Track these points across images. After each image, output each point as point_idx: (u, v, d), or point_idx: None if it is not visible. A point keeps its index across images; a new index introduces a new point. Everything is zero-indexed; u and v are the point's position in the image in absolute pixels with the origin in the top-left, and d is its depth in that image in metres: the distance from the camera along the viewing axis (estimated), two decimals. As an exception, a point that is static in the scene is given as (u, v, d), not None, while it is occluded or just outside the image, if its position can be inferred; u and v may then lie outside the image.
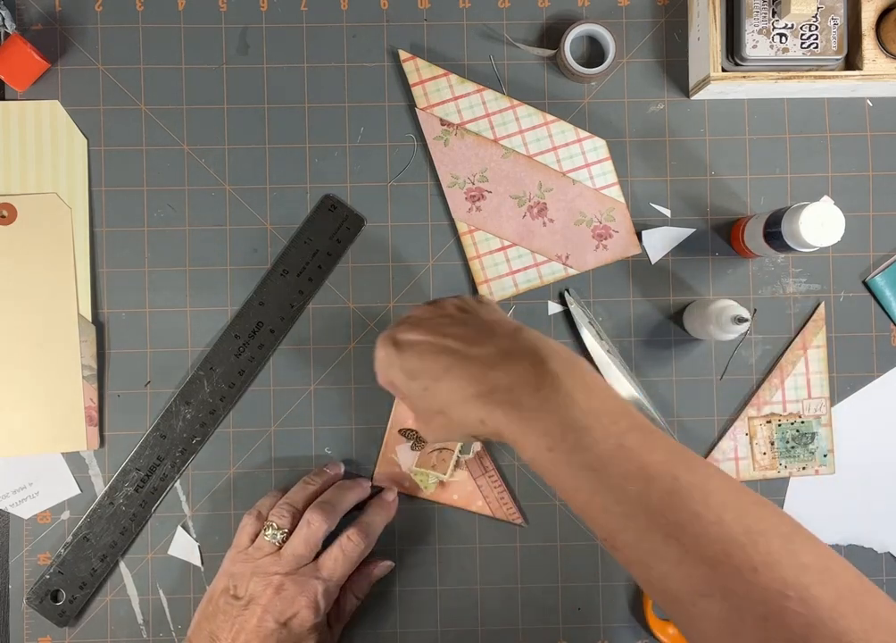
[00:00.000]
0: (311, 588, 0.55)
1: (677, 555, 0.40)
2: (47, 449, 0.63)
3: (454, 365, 0.47)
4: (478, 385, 0.46)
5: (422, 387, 0.49)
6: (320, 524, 0.57)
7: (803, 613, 0.37)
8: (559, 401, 0.44)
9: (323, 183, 0.65)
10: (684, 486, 0.41)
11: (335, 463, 0.63)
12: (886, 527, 0.65)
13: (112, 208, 0.64)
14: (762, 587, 0.38)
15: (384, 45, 0.65)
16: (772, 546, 0.39)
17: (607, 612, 0.64)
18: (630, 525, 0.42)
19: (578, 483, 0.43)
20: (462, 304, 0.53)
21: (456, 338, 0.48)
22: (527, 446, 0.45)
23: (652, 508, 0.41)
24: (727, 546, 0.39)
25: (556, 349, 0.47)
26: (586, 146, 0.65)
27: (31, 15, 0.64)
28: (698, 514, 0.40)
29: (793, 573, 0.38)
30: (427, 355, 0.48)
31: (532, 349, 0.47)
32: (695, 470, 0.42)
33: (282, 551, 0.57)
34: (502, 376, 0.46)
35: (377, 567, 0.61)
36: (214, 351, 0.64)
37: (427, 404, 0.50)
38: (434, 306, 0.53)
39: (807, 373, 0.65)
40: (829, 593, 0.38)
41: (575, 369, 0.46)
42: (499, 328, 0.50)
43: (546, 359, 0.46)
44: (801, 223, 0.55)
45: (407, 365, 0.49)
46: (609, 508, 0.42)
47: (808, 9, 0.58)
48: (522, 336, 0.48)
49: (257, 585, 0.55)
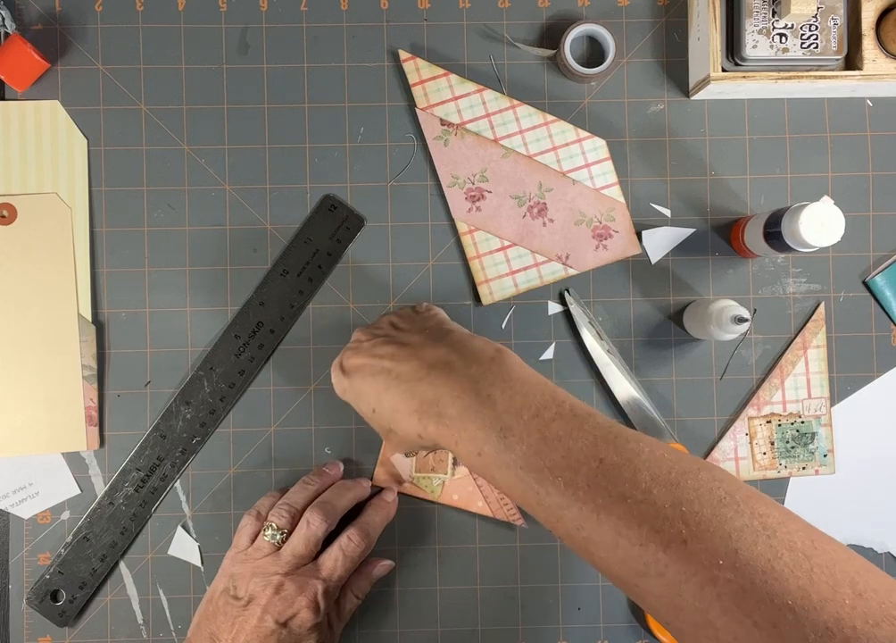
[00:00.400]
0: (311, 588, 0.55)
1: (611, 540, 0.40)
2: (47, 449, 0.63)
3: (390, 385, 0.49)
4: (410, 401, 0.48)
5: (370, 408, 0.52)
6: (320, 524, 0.57)
7: (734, 580, 0.37)
8: (478, 406, 0.45)
9: (323, 183, 0.65)
10: (610, 468, 0.41)
11: (334, 464, 0.63)
12: (886, 527, 0.65)
13: (112, 208, 0.64)
14: (693, 559, 0.38)
15: (384, 45, 0.65)
16: (702, 515, 0.39)
17: (607, 612, 0.64)
18: (564, 515, 0.42)
19: (510, 481, 0.44)
20: (397, 320, 0.55)
21: (389, 357, 0.51)
22: (460, 453, 0.46)
23: (581, 496, 0.41)
24: (655, 522, 0.39)
25: (476, 351, 0.48)
26: (586, 146, 0.65)
27: (31, 15, 0.64)
28: (624, 496, 0.40)
29: (723, 540, 0.38)
30: (368, 378, 0.51)
31: (452, 357, 0.48)
32: (621, 448, 0.42)
33: (282, 551, 0.57)
34: (427, 389, 0.47)
35: (377, 567, 0.62)
36: (214, 351, 0.64)
37: (377, 423, 0.52)
38: (372, 326, 0.56)
39: (807, 373, 0.65)
40: (762, 554, 0.37)
41: (495, 367, 0.47)
42: (428, 337, 0.51)
43: (467, 365, 0.47)
44: (801, 223, 0.55)
45: (355, 389, 0.52)
46: (542, 502, 0.43)
47: (808, 9, 0.58)
48: (446, 342, 0.50)
49: (257, 585, 0.55)
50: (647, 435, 0.44)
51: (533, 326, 0.65)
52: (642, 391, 0.64)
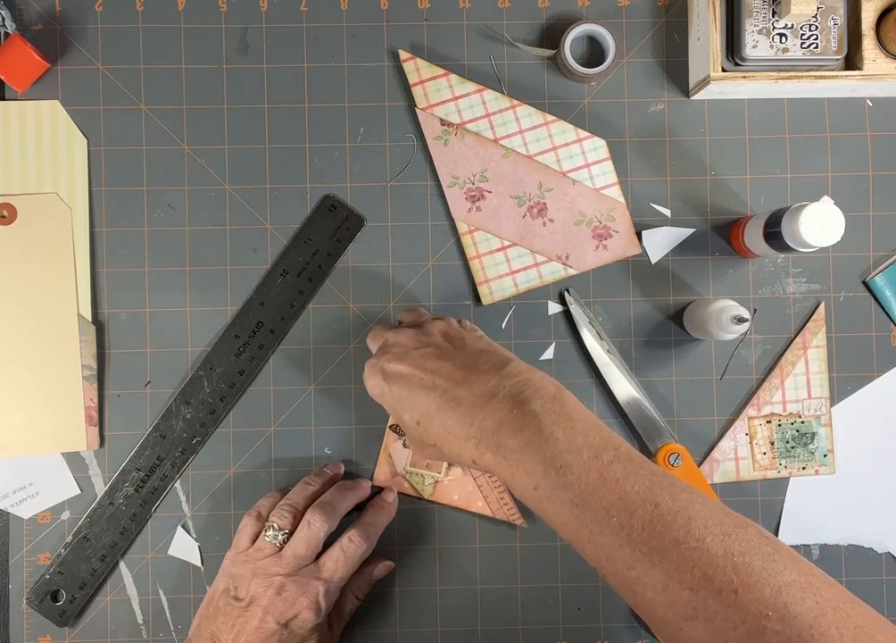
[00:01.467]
0: (313, 589, 0.55)
1: (661, 582, 0.41)
2: (47, 449, 0.63)
3: (444, 406, 0.49)
4: (468, 427, 0.48)
5: (414, 420, 0.52)
6: (321, 525, 0.57)
7: (782, 632, 0.38)
8: (540, 441, 0.46)
9: (323, 183, 0.65)
10: (665, 513, 0.42)
11: (335, 464, 0.63)
12: (886, 527, 0.65)
13: (112, 208, 0.64)
14: (742, 608, 0.39)
15: (384, 45, 0.65)
16: (752, 566, 0.40)
17: (607, 612, 0.64)
18: (615, 555, 0.43)
19: (564, 517, 0.45)
20: (448, 331, 0.55)
21: (443, 375, 0.51)
22: (515, 485, 0.47)
23: (635, 538, 0.42)
24: (708, 570, 0.40)
25: (539, 387, 0.49)
26: (586, 146, 0.65)
27: (31, 15, 0.64)
28: (678, 541, 0.41)
29: (773, 592, 0.39)
30: (416, 390, 0.51)
31: (515, 389, 0.49)
32: (676, 496, 0.43)
33: (283, 552, 0.57)
34: (489, 418, 0.48)
35: (378, 568, 0.62)
36: (214, 351, 0.64)
37: (417, 435, 0.52)
38: (419, 333, 0.55)
39: (807, 373, 0.65)
40: (810, 610, 0.39)
41: (557, 406, 0.48)
42: (484, 362, 0.51)
43: (528, 400, 0.48)
44: (801, 223, 0.55)
45: (396, 395, 0.52)
46: (594, 539, 0.44)
47: (808, 9, 0.58)
48: (507, 372, 0.50)
49: (258, 586, 0.55)
50: (694, 486, 0.46)
51: (533, 326, 0.65)
52: (643, 391, 0.64)
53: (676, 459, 0.62)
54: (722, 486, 0.65)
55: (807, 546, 0.65)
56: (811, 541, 0.65)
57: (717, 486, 0.64)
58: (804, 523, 0.65)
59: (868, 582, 0.65)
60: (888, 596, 0.65)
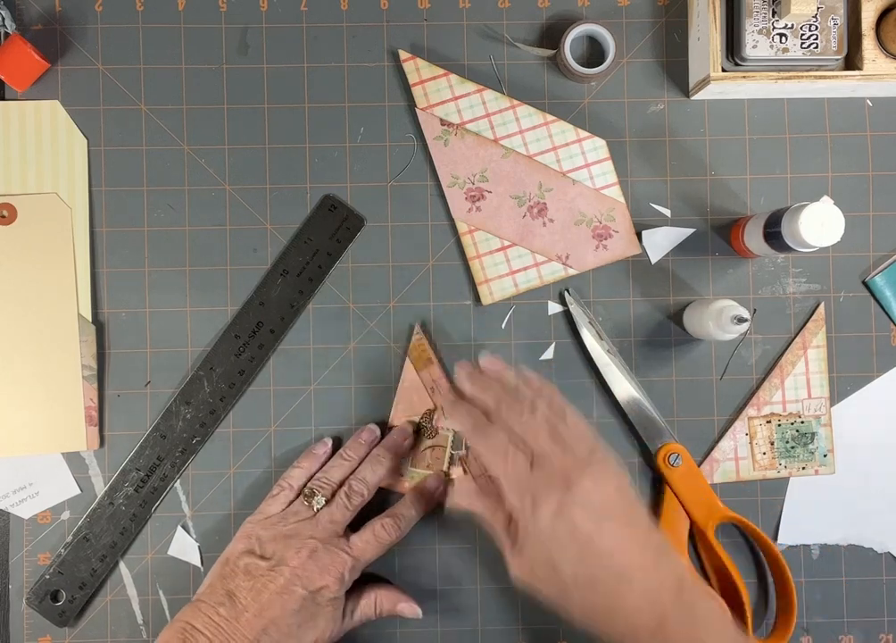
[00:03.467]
0: (342, 560, 0.57)
1: None
2: (47, 449, 0.63)
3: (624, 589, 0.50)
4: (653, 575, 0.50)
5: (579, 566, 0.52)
6: (356, 497, 0.59)
7: None
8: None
9: (323, 183, 0.65)
10: None
11: (369, 430, 0.63)
12: (886, 527, 0.65)
13: (112, 208, 0.64)
14: None
15: (384, 45, 0.65)
16: None
17: (607, 612, 0.64)
18: None
19: None
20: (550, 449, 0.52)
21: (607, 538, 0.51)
22: None
23: None
24: None
25: None
26: (586, 146, 0.65)
27: (31, 15, 0.64)
28: None
29: None
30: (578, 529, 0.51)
31: None
32: None
33: (319, 516, 0.58)
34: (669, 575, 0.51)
35: (408, 608, 0.61)
36: (214, 351, 0.64)
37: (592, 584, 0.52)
38: (536, 465, 0.52)
39: (807, 373, 0.65)
40: None
41: None
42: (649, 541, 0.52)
43: None
44: (801, 223, 0.55)
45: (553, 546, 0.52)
46: None
47: (808, 9, 0.58)
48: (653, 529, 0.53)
49: (290, 548, 0.56)
50: None
51: (533, 326, 0.65)
52: (642, 391, 0.64)
53: (676, 459, 0.62)
54: (722, 486, 0.65)
55: (807, 546, 0.65)
56: (811, 541, 0.65)
57: (717, 486, 0.64)
58: (804, 523, 0.65)
59: (868, 582, 0.65)
60: (888, 596, 0.65)
